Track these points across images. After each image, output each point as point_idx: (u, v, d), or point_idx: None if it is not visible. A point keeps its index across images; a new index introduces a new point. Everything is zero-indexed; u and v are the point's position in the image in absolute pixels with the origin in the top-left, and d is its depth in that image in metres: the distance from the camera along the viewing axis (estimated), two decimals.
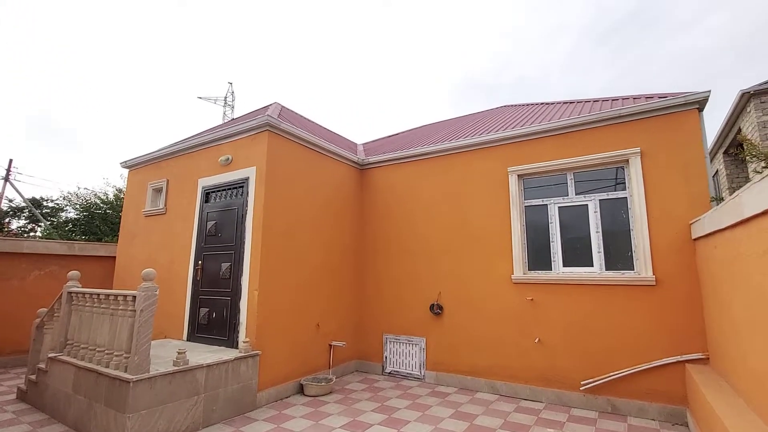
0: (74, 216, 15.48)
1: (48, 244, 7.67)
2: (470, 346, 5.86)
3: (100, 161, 37.63)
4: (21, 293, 7.16)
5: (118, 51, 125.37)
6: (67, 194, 16.69)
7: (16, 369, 6.78)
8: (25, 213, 17.33)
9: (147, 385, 3.82)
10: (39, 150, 45.87)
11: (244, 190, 5.66)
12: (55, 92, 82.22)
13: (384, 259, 6.98)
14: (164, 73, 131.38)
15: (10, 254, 7.15)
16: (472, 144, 6.31)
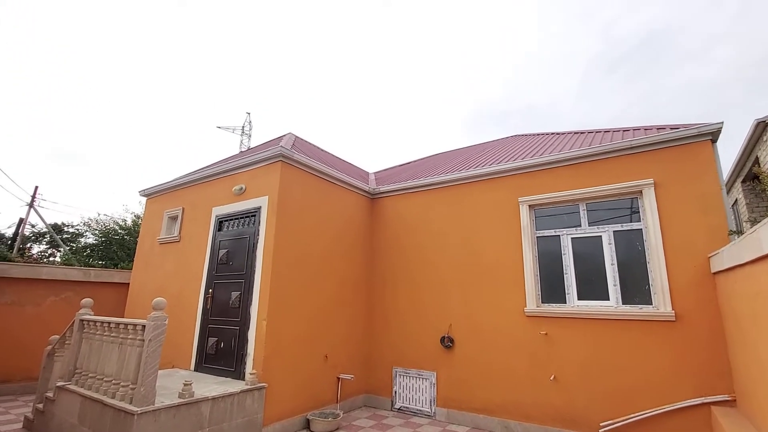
0: (93, 241, 15.87)
1: (66, 270, 7.82)
2: (483, 382, 5.65)
3: (120, 188, 38.76)
4: (35, 320, 7.25)
5: (141, 81, 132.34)
6: (87, 220, 17.17)
7: (25, 396, 6.78)
8: (47, 238, 17.82)
9: (151, 418, 3.77)
10: (63, 175, 47.82)
11: (256, 219, 5.73)
12: (79, 122, 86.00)
13: (393, 290, 6.90)
14: (186, 104, 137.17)
15: (27, 280, 7.31)
16: (483, 174, 6.33)
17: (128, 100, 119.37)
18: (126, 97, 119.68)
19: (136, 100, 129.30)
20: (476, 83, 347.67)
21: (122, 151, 79.41)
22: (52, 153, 57.40)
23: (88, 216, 21.77)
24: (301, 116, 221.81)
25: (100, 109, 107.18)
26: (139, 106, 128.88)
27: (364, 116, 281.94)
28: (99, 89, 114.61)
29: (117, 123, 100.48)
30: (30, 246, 17.31)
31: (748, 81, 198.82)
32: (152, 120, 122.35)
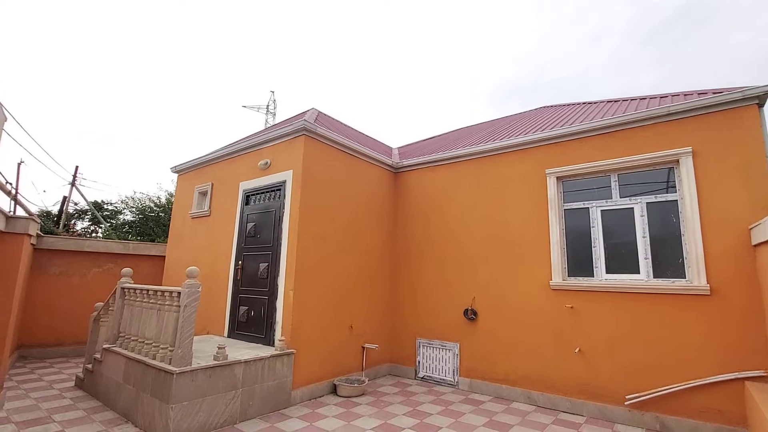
0: (130, 218, 16.67)
1: (106, 243, 8.30)
2: (506, 354, 5.69)
3: (153, 167, 40.27)
4: (82, 289, 7.78)
5: (172, 64, 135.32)
6: (124, 198, 18.00)
7: (76, 359, 7.37)
8: (89, 215, 18.85)
9: (189, 378, 4.03)
10: (101, 154, 50.05)
11: (281, 193, 5.85)
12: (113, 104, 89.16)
13: (417, 263, 6.95)
14: (213, 84, 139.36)
15: (73, 252, 7.81)
16: (508, 146, 6.17)
17: (160, 83, 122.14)
18: (157, 81, 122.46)
19: (167, 84, 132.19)
20: (501, 58, 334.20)
21: (155, 132, 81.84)
22: (89, 134, 59.95)
23: (125, 194, 22.77)
24: (325, 95, 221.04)
25: (133, 91, 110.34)
26: (169, 88, 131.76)
27: (389, 94, 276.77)
28: (132, 73, 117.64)
29: (149, 105, 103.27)
30: (74, 223, 18.38)
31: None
32: (182, 102, 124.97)
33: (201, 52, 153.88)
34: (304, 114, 7.52)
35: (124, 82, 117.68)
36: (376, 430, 4.33)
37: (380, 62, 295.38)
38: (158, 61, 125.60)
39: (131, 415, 4.35)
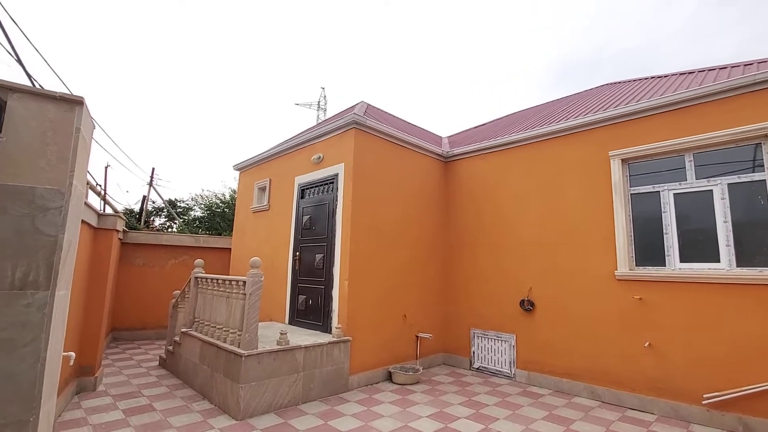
0: (200, 214, 18.08)
1: (180, 237, 9.11)
2: (566, 346, 5.46)
3: (220, 164, 43.24)
4: (161, 278, 8.62)
5: (232, 67, 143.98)
6: (194, 196, 19.54)
7: (159, 341, 8.21)
8: (165, 212, 20.71)
9: (256, 360, 4.34)
10: (172, 153, 54.64)
11: (334, 186, 6.03)
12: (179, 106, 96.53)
13: (470, 252, 6.84)
14: (269, 86, 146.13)
15: (153, 245, 8.66)
16: (566, 128, 5.83)
17: (221, 86, 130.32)
18: (219, 84, 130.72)
19: (227, 86, 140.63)
20: (554, 34, 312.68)
21: (220, 133, 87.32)
22: (160, 134, 65.59)
23: (195, 192, 24.66)
24: (374, 88, 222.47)
25: (196, 93, 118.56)
26: (229, 91, 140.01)
27: (439, 82, 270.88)
28: (197, 77, 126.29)
29: (211, 107, 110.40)
30: (153, 219, 20.31)
31: None
32: (241, 102, 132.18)
33: (256, 54, 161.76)
34: (353, 107, 7.65)
35: (190, 83, 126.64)
36: (432, 417, 4.39)
37: (429, 50, 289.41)
38: (218, 66, 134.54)
39: (207, 392, 4.79)
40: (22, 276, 2.01)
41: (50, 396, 2.25)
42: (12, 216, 2.01)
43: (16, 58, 3.57)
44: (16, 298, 2.00)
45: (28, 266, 2.03)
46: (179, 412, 4.33)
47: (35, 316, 2.03)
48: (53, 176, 2.12)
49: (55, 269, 2.09)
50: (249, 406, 4.21)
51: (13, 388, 1.98)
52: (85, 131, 2.35)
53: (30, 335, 2.02)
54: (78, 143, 2.21)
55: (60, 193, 2.13)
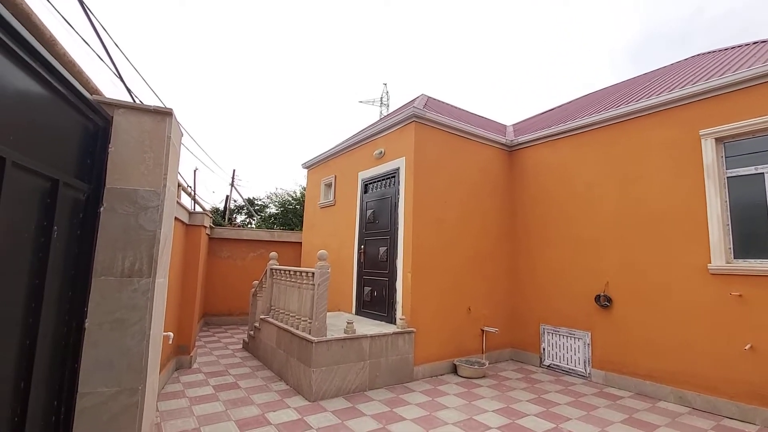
0: (274, 211, 19.40)
1: (258, 232, 9.90)
2: (649, 347, 5.00)
3: (291, 162, 45.93)
4: (242, 270, 9.45)
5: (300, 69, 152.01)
6: (269, 194, 21.00)
7: (242, 326, 9.03)
8: (244, 210, 22.54)
9: (325, 347, 4.61)
10: (249, 154, 59.19)
11: (396, 180, 6.13)
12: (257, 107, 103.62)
13: (538, 244, 6.53)
14: (332, 84, 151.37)
15: (235, 240, 9.52)
16: (649, 107, 5.29)
17: (289, 89, 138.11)
18: (288, 87, 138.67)
19: (295, 89, 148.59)
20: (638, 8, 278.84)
21: (290, 134, 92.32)
22: (237, 134, 71.37)
23: (270, 190, 26.45)
24: (436, 79, 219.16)
25: (267, 95, 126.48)
26: (297, 92, 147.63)
27: (505, 71, 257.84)
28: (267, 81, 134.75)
29: (279, 109, 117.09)
30: (235, 216, 22.22)
31: None
32: (309, 103, 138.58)
33: (322, 53, 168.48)
34: (413, 101, 7.66)
35: (262, 88, 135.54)
36: (499, 412, 4.31)
37: (494, 35, 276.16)
38: (286, 71, 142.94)
39: (283, 374, 5.19)
40: (130, 265, 2.37)
41: (154, 369, 2.63)
42: (120, 215, 2.38)
43: (119, 76, 4.16)
44: (126, 285, 2.37)
45: (133, 257, 2.39)
46: (260, 390, 4.76)
47: (141, 300, 2.39)
48: (151, 179, 2.46)
49: (154, 259, 2.43)
50: (320, 389, 4.50)
51: (127, 360, 2.35)
52: (175, 138, 2.68)
53: (137, 316, 2.38)
54: (169, 149, 2.54)
55: (156, 194, 2.47)
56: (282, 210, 18.14)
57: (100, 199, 2.35)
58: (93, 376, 2.28)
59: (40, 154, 1.81)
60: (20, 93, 1.65)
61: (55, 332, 2.09)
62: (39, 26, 2.05)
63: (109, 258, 2.34)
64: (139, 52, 40.70)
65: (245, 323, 9.07)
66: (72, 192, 2.15)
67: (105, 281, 2.33)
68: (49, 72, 1.80)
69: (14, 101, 1.61)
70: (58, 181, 1.95)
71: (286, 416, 4.02)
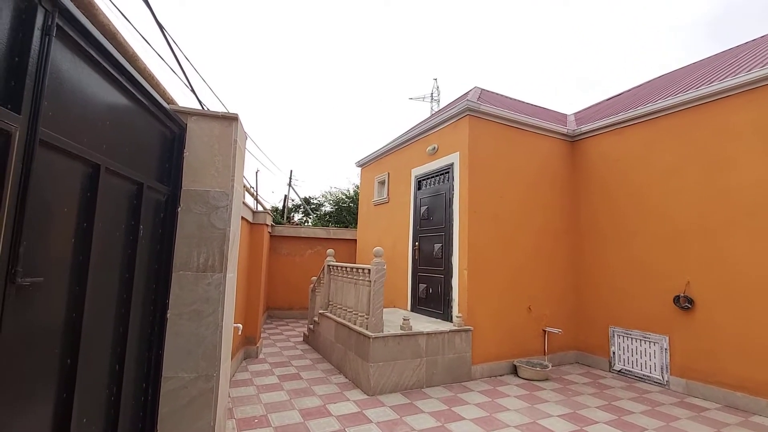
0: (329, 209, 19.99)
1: (315, 230, 10.25)
2: (742, 353, 4.46)
3: (344, 163, 47.14)
4: (301, 266, 9.85)
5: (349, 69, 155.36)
6: (324, 193, 21.69)
7: (303, 320, 9.42)
8: (301, 209, 23.49)
9: (382, 342, 4.67)
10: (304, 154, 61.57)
11: (450, 176, 6.02)
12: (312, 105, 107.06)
13: (605, 240, 6.08)
14: (383, 82, 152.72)
15: (294, 238, 9.94)
16: (736, 86, 4.70)
17: (342, 88, 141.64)
18: (340, 86, 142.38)
19: (347, 88, 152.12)
20: None
21: (343, 133, 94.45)
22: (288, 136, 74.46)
23: (325, 189, 27.29)
24: (490, 72, 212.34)
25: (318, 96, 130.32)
26: (350, 92, 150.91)
27: (559, 57, 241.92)
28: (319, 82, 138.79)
29: (334, 109, 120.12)
30: (292, 215, 23.22)
31: None
32: (361, 102, 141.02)
33: (372, 52, 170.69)
34: (466, 95, 7.47)
35: (317, 89, 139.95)
36: (564, 418, 4.09)
37: (552, 22, 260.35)
38: (338, 70, 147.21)
39: (342, 367, 5.33)
40: (204, 261, 2.56)
41: (227, 357, 2.82)
42: (195, 214, 2.57)
43: (190, 87, 4.50)
44: (201, 279, 2.55)
45: (207, 253, 2.57)
46: (320, 382, 4.94)
47: (214, 293, 2.57)
48: (221, 181, 2.63)
49: (225, 255, 2.60)
50: (378, 383, 4.56)
51: (203, 348, 2.54)
52: (240, 142, 2.84)
53: (211, 308, 2.56)
54: (236, 152, 2.70)
55: (226, 194, 2.64)
56: (336, 208, 18.64)
57: (178, 200, 2.56)
58: (175, 362, 2.49)
59: (128, 160, 2.01)
60: (110, 105, 1.84)
61: (142, 321, 2.32)
62: (123, 44, 2.26)
63: (186, 254, 2.54)
64: (200, 58, 43.66)
65: (305, 317, 9.44)
66: (154, 194, 2.36)
67: (183, 275, 2.53)
68: (133, 85, 1.98)
69: (105, 113, 1.80)
70: (143, 185, 2.15)
71: (346, 408, 4.13)
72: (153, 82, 2.57)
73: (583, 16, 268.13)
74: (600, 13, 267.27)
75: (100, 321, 1.85)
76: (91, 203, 1.70)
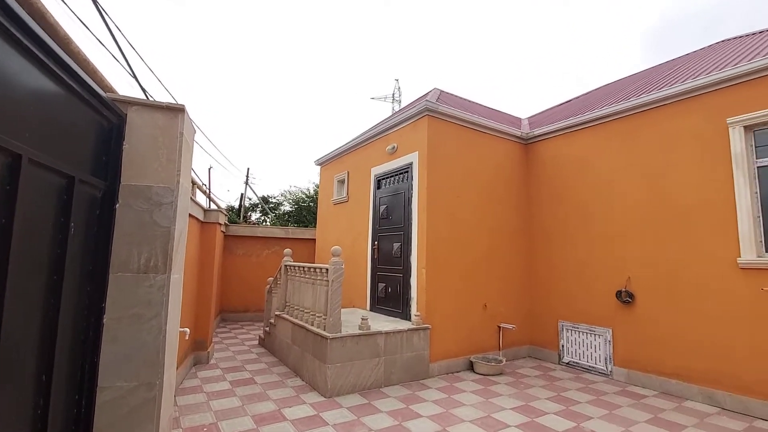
0: (289, 209, 19.54)
1: (272, 229, 9.97)
2: (675, 344, 4.83)
3: (304, 160, 46.40)
4: (258, 266, 9.54)
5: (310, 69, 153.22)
6: (283, 192, 21.14)
7: (258, 322, 9.12)
8: (259, 208, 22.80)
9: (340, 343, 4.60)
10: (262, 152, 59.52)
11: (409, 175, 6.06)
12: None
13: (556, 240, 6.38)
14: (344, 81, 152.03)
15: (250, 237, 9.61)
16: (671, 96, 5.09)
17: (302, 87, 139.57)
18: (300, 85, 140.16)
19: (307, 87, 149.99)
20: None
21: (303, 131, 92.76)
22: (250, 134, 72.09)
23: (284, 188, 26.68)
24: (448, 75, 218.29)
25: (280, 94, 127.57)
26: (310, 90, 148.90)
27: (515, 63, 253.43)
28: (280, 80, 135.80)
29: (293, 108, 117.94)
30: (249, 214, 22.48)
31: None
32: (321, 101, 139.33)
33: (333, 51, 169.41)
34: (426, 95, 7.57)
35: (274, 86, 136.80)
36: (517, 410, 4.23)
37: (509, 29, 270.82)
38: (298, 69, 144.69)
39: (299, 370, 5.21)
40: (145, 261, 2.38)
41: (171, 364, 2.65)
42: (136, 211, 2.39)
43: (133, 75, 4.20)
44: (142, 280, 2.38)
45: (149, 253, 2.39)
46: (276, 386, 4.79)
47: (156, 296, 2.40)
48: (165, 176, 2.46)
49: (169, 256, 2.44)
50: (335, 385, 4.49)
51: (144, 355, 2.37)
52: (188, 135, 2.68)
53: (153, 311, 2.39)
54: (182, 146, 2.54)
55: (170, 190, 2.47)
56: (296, 207, 18.28)
57: (116, 196, 2.36)
58: (112, 371, 2.30)
59: (56, 152, 1.82)
60: (35, 91, 1.66)
61: (74, 327, 2.12)
62: (54, 25, 2.05)
63: (125, 254, 2.36)
64: (152, 52, 41.38)
65: (261, 319, 9.15)
66: (88, 189, 2.17)
67: (122, 277, 2.34)
68: (64, 70, 1.80)
69: (30, 99, 1.61)
70: (74, 178, 1.96)
71: (302, 412, 4.03)
72: (88, 67, 2.35)
73: (542, 24, 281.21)
74: (558, 22, 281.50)
75: (21, 328, 1.66)
76: (11, 198, 1.52)
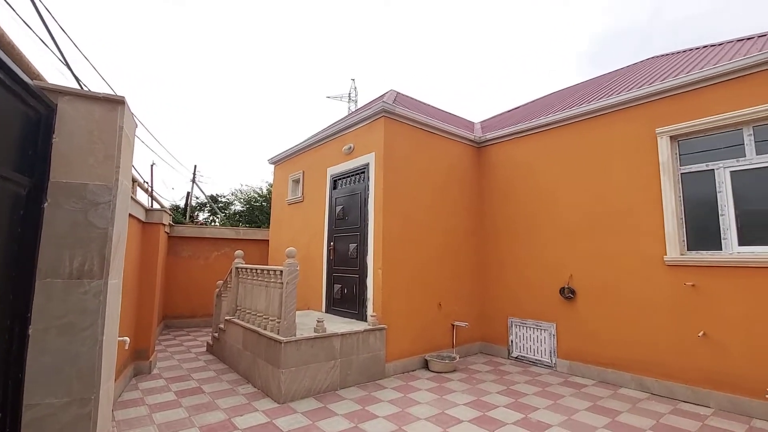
0: (240, 208, 18.79)
1: (222, 230, 9.52)
2: (611, 336, 5.23)
3: (256, 159, 44.81)
4: (206, 269, 9.07)
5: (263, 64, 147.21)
6: (234, 191, 20.30)
7: (206, 328, 8.67)
8: (207, 207, 21.71)
9: (294, 346, 4.49)
10: (212, 150, 56.70)
11: (366, 176, 6.06)
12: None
13: (506, 240, 6.68)
14: (298, 79, 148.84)
15: (198, 238, 9.11)
16: (608, 106, 5.51)
17: (254, 82, 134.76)
18: (253, 81, 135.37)
19: (260, 83, 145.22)
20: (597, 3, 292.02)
21: (255, 129, 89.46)
22: (197, 131, 68.43)
23: (235, 187, 25.62)
24: (404, 77, 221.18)
25: (230, 90, 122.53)
26: (261, 86, 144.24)
27: (471, 68, 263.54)
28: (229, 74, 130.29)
29: (244, 103, 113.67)
30: (197, 214, 21.34)
31: None
32: (274, 98, 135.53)
33: (287, 48, 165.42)
34: (382, 96, 7.61)
35: (225, 81, 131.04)
36: (470, 405, 4.36)
37: (462, 34, 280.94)
38: (251, 64, 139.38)
39: (251, 377, 5.02)
40: (79, 266, 2.18)
41: (109, 376, 2.44)
42: (67, 211, 2.17)
43: (65, 62, 3.83)
44: (75, 287, 2.17)
45: (83, 257, 2.19)
46: (226, 394, 4.57)
47: (92, 303, 2.19)
48: (101, 173, 2.26)
49: (107, 259, 2.24)
50: (289, 390, 4.37)
51: (77, 368, 2.16)
52: (128, 129, 2.48)
53: (88, 320, 2.18)
54: (122, 141, 2.35)
55: (108, 189, 2.27)
56: (248, 207, 17.63)
57: (44, 194, 2.13)
58: (40, 387, 2.07)
59: None
60: None
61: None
62: None
63: (55, 258, 2.13)
64: (92, 42, 38.16)
65: (209, 325, 8.72)
66: (11, 186, 1.94)
67: (50, 283, 2.12)
68: None
69: None
70: None
71: (254, 420, 3.88)
72: (13, 52, 2.11)
73: (496, 34, 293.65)
74: (512, 31, 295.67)
75: None
76: None
